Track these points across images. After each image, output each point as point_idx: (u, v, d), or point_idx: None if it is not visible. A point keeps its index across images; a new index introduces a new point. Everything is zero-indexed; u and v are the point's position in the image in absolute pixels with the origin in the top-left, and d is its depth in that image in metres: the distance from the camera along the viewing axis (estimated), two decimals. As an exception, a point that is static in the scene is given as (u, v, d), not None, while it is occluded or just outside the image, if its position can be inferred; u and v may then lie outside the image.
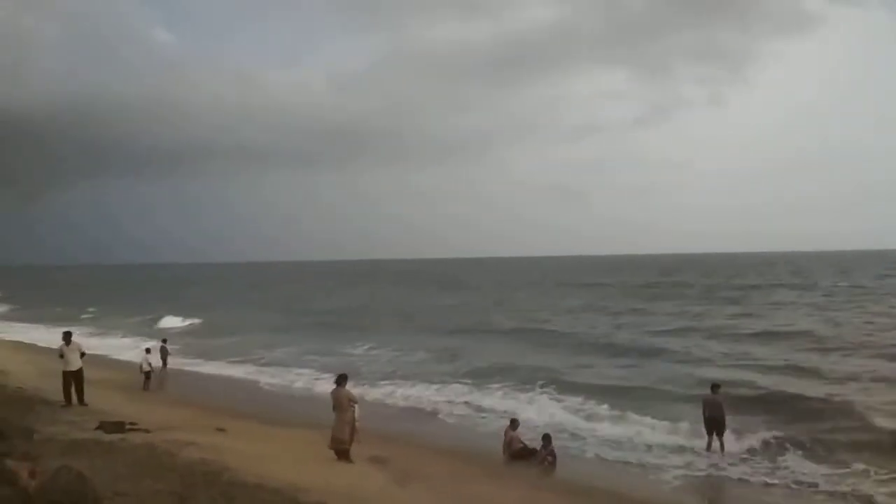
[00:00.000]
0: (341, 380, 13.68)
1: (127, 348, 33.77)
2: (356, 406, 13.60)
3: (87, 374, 17.24)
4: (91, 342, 29.04)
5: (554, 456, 14.71)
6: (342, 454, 13.21)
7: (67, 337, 17.22)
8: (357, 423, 13.40)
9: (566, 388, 22.21)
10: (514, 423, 15.70)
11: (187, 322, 48.74)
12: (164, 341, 27.82)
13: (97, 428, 13.35)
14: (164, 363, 26.54)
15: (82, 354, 17.09)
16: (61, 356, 16.81)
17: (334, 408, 13.42)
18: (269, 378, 26.16)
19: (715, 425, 15.75)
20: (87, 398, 16.75)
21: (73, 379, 16.53)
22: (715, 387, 16.41)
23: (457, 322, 45.39)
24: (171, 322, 48.70)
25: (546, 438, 15.06)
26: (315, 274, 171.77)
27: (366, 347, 33.63)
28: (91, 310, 58.87)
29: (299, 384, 24.72)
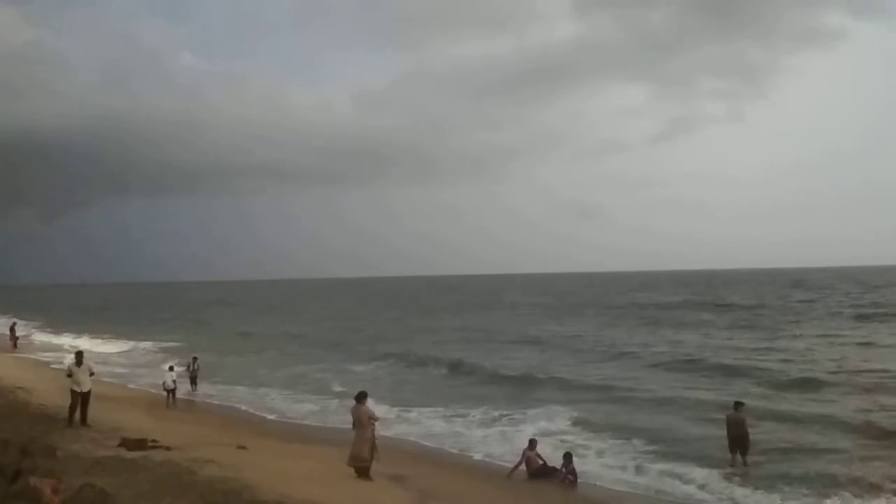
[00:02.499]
0: (361, 397, 13.71)
1: (153, 365, 34.09)
2: (376, 424, 13.61)
3: (111, 392, 17.30)
4: (115, 359, 29.26)
5: (575, 474, 14.58)
6: (362, 472, 13.20)
7: (79, 357, 17.05)
8: (377, 441, 13.41)
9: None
10: (532, 443, 15.59)
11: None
12: (195, 359, 27.80)
13: (119, 445, 13.49)
14: (194, 382, 26.44)
15: (91, 374, 16.85)
16: (69, 375, 16.59)
17: (354, 425, 13.43)
18: (289, 396, 26.23)
19: (739, 443, 15.57)
20: (110, 416, 16.80)
21: (82, 399, 16.40)
22: (738, 404, 16.22)
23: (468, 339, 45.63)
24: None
25: (567, 457, 14.94)
26: (339, 291, 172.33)
27: (374, 366, 33.99)
28: (120, 327, 59.56)
29: (319, 402, 24.73)
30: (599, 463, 15.87)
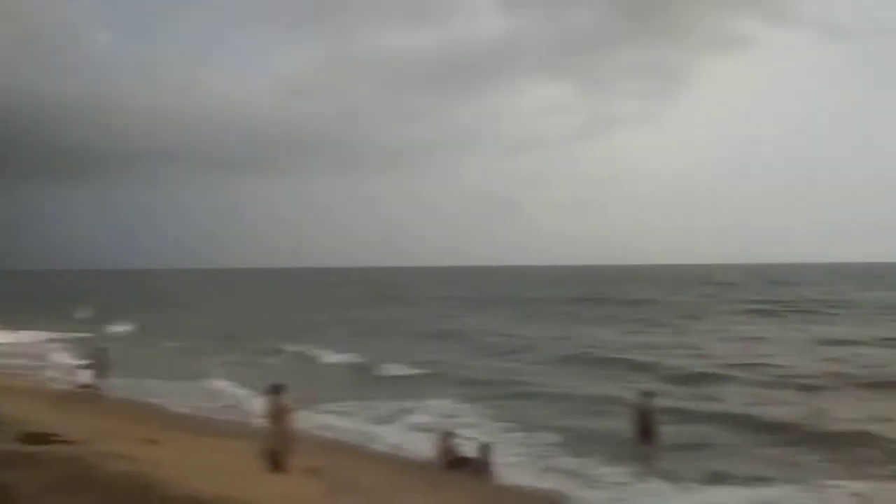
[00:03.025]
0: (277, 389, 13.44)
1: (47, 355, 32.60)
2: (291, 416, 13.39)
3: (7, 383, 16.50)
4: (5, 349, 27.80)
5: (491, 464, 14.77)
6: (277, 465, 12.96)
7: None
8: (292, 434, 13.19)
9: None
10: (448, 433, 15.70)
11: (121, 328, 47.30)
12: (101, 349, 26.41)
13: (17, 439, 12.79)
14: (100, 374, 25.04)
15: None
16: None
17: (269, 417, 13.17)
18: (200, 388, 25.54)
19: (646, 434, 16.01)
20: (5, 409, 15.97)
21: None
22: (646, 395, 16.70)
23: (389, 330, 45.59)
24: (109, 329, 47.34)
25: (483, 447, 15.12)
26: (248, 282, 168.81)
27: (279, 358, 33.59)
28: (9, 316, 56.44)
29: (231, 395, 24.19)
30: (508, 456, 15.97)
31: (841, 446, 16.49)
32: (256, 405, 21.20)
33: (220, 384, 26.09)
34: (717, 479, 14.25)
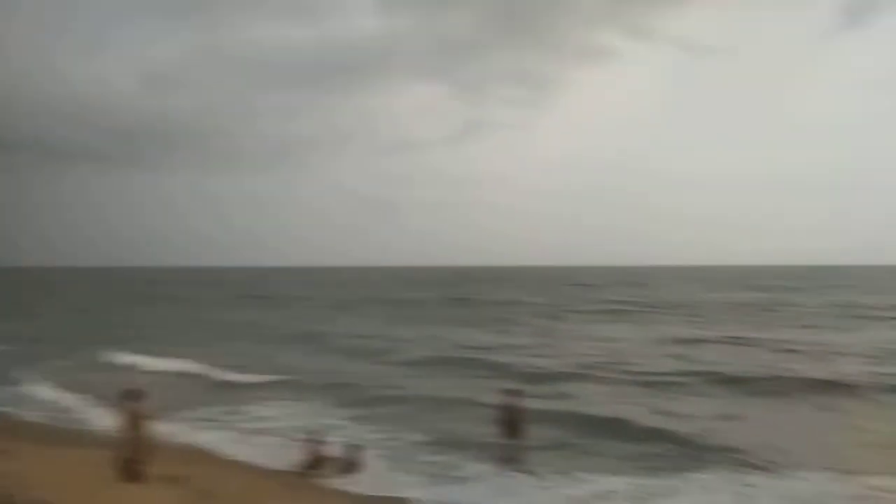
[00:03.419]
0: (131, 395, 12.92)
1: None
2: (147, 423, 12.92)
3: None
4: None
5: (356, 463, 14.86)
6: (133, 474, 12.49)
7: None
8: (148, 441, 12.74)
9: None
10: (314, 434, 15.66)
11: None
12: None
13: None
14: None
15: None
16: None
17: (124, 425, 12.66)
18: (49, 394, 24.05)
19: (511, 430, 16.51)
20: None
21: None
22: (512, 391, 17.19)
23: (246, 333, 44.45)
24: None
25: (350, 448, 15.19)
26: (101, 281, 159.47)
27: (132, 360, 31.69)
28: None
29: (82, 401, 22.89)
30: (374, 457, 15.94)
31: (675, 441, 17.64)
32: (95, 413, 20.41)
33: (48, 391, 24.73)
34: (569, 473, 14.94)
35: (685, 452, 16.62)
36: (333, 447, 15.60)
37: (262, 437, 18.41)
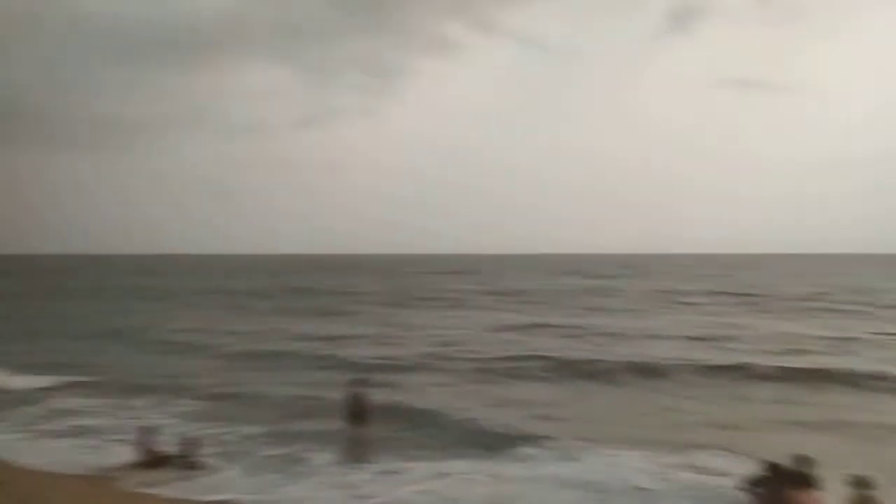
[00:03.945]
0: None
1: None
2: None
3: None
4: None
5: (195, 461, 14.59)
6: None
7: None
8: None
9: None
10: (148, 430, 15.19)
11: None
12: None
13: None
14: None
15: None
16: None
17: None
18: None
19: (358, 418, 16.80)
20: None
21: None
22: (359, 381, 17.46)
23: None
24: None
25: (187, 442, 14.87)
26: None
27: None
28: None
29: None
30: (212, 454, 15.63)
31: (479, 429, 18.11)
32: None
33: None
34: (403, 462, 15.29)
35: (490, 439, 17.06)
36: (168, 445, 15.19)
37: (81, 439, 17.36)
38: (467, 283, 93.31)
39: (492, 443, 16.73)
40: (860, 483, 9.24)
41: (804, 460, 10.07)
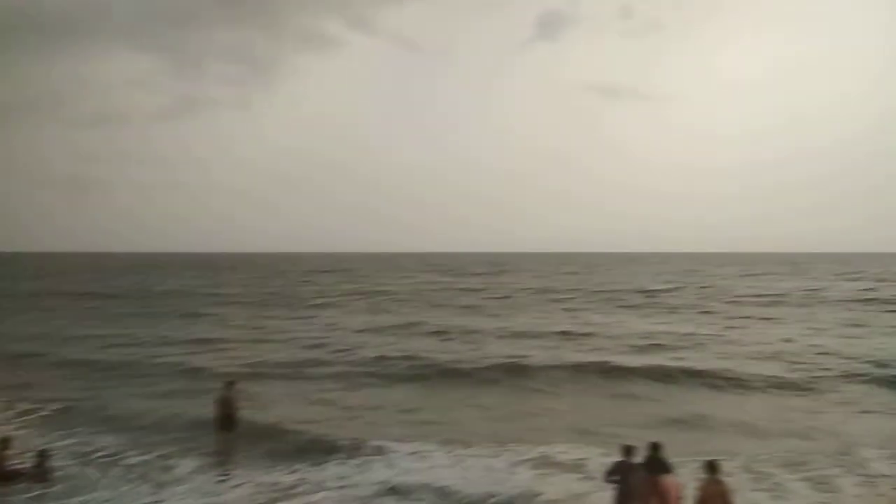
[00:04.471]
0: None
1: None
2: None
3: None
4: None
5: (48, 473, 13.83)
6: None
7: None
8: None
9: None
10: (3, 443, 14.21)
11: None
12: None
13: None
14: None
15: None
16: None
17: None
18: None
19: (227, 422, 16.43)
20: None
21: None
22: (229, 384, 17.07)
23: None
24: None
25: (40, 455, 14.07)
26: None
27: None
28: None
29: None
30: (67, 466, 15.03)
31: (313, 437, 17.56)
32: None
33: None
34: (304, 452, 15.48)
35: (329, 448, 16.44)
36: (18, 459, 14.29)
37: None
38: (338, 280, 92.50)
39: (330, 451, 16.17)
40: (710, 467, 10.04)
41: (656, 446, 10.80)
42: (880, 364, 26.93)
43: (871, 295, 62.63)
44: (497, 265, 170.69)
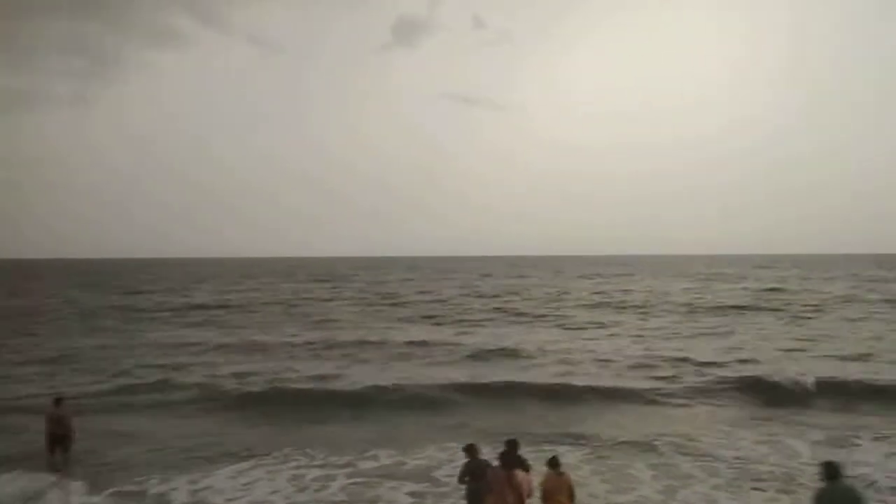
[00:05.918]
0: None
1: None
2: None
3: None
4: None
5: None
6: None
7: None
8: None
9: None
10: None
11: None
12: None
13: None
14: None
15: None
16: None
17: None
18: None
19: (60, 441, 15.36)
20: None
21: None
22: (58, 400, 15.98)
23: None
24: None
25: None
26: None
27: None
28: None
29: None
30: None
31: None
32: None
33: None
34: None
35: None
36: None
37: None
38: (194, 292, 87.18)
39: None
40: (552, 463, 10.54)
41: (512, 443, 11.14)
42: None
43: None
44: (362, 268, 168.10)
